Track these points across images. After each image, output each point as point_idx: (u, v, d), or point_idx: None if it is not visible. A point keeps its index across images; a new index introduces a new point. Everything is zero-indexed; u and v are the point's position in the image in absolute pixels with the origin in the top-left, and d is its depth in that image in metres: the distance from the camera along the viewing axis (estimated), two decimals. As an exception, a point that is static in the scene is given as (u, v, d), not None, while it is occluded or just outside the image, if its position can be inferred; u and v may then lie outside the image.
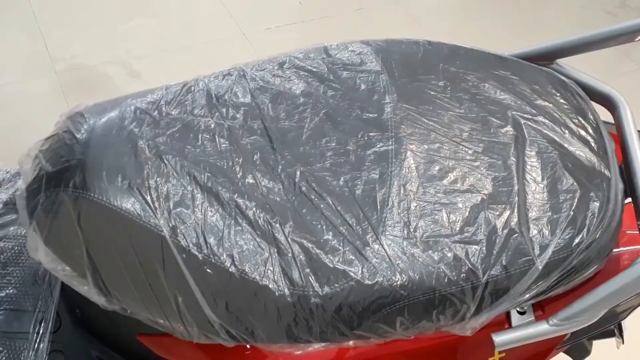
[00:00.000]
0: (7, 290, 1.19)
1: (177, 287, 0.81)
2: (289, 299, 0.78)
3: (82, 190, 0.83)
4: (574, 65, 1.07)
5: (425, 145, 0.90)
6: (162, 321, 0.85)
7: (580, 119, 0.95)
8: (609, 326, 1.06)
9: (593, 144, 0.92)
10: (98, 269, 0.85)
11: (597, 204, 0.86)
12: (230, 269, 0.79)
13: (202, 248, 0.80)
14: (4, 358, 1.13)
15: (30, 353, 1.14)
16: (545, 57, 1.07)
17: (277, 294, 0.78)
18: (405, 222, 0.82)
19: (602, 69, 2.38)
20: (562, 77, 1.02)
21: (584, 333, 1.03)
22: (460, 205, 0.85)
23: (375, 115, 0.93)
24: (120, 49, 2.34)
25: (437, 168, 0.88)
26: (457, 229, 0.83)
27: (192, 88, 0.96)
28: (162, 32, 2.46)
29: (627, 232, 0.97)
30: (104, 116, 0.91)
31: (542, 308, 0.92)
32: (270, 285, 0.78)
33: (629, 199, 0.91)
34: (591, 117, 0.96)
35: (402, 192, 0.85)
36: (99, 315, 0.94)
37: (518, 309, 0.91)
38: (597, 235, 0.84)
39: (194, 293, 0.80)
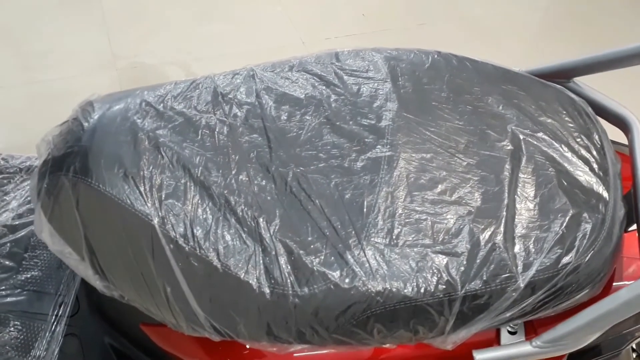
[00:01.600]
0: (33, 272, 1.24)
1: (166, 277, 0.82)
2: (268, 297, 0.78)
3: (81, 175, 0.86)
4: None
5: (419, 154, 0.89)
6: (154, 310, 0.87)
7: (584, 138, 0.93)
8: (616, 352, 1.01)
9: (594, 165, 0.89)
10: (95, 253, 0.88)
11: (589, 226, 0.83)
12: (214, 263, 0.80)
13: (189, 240, 0.81)
14: (22, 336, 1.17)
15: (47, 334, 1.18)
16: (562, 75, 1.05)
17: (257, 291, 0.79)
18: (389, 228, 0.82)
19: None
20: (573, 96, 1.00)
21: (590, 357, 0.99)
22: (445, 216, 0.83)
23: (374, 121, 0.92)
24: (181, 51, 2.40)
25: (427, 177, 0.87)
26: (440, 239, 0.81)
27: (200, 85, 0.98)
28: (224, 37, 2.51)
29: None
30: (112, 106, 0.94)
31: (535, 330, 0.89)
32: (252, 282, 0.79)
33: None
34: (596, 137, 0.93)
35: (389, 199, 0.84)
36: (110, 302, 0.96)
37: (509, 329, 0.89)
38: (587, 258, 0.81)
39: (180, 284, 0.81)
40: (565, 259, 0.80)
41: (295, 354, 0.95)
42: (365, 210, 0.83)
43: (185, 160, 0.87)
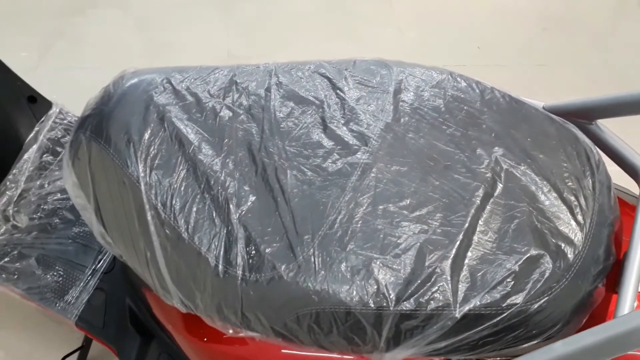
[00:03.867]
0: (85, 228, 1.38)
1: (145, 241, 0.89)
2: (221, 276, 0.82)
3: (94, 135, 0.95)
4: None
5: (395, 167, 0.90)
6: (141, 272, 0.94)
7: (574, 181, 0.89)
8: None
9: (576, 210, 0.85)
10: (100, 210, 0.96)
11: (548, 271, 0.79)
12: (183, 234, 0.85)
13: (167, 209, 0.87)
14: (61, 281, 1.30)
15: (81, 284, 1.30)
16: (585, 116, 1.01)
17: (213, 268, 0.83)
18: (343, 232, 0.83)
19: None
20: (580, 137, 0.95)
21: None
22: (400, 230, 0.83)
23: (364, 129, 0.95)
24: (288, 57, 2.50)
25: (395, 190, 0.87)
26: (387, 251, 0.81)
27: (220, 73, 1.04)
28: (338, 53, 2.56)
29: None
30: (139, 80, 1.02)
31: None
32: (210, 260, 0.83)
33: None
34: (589, 182, 0.89)
35: (352, 204, 0.85)
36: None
37: None
38: (538, 304, 0.77)
39: (155, 250, 0.88)
40: (512, 299, 0.77)
41: (282, 350, 0.97)
42: (327, 210, 0.85)
43: (183, 137, 0.93)
